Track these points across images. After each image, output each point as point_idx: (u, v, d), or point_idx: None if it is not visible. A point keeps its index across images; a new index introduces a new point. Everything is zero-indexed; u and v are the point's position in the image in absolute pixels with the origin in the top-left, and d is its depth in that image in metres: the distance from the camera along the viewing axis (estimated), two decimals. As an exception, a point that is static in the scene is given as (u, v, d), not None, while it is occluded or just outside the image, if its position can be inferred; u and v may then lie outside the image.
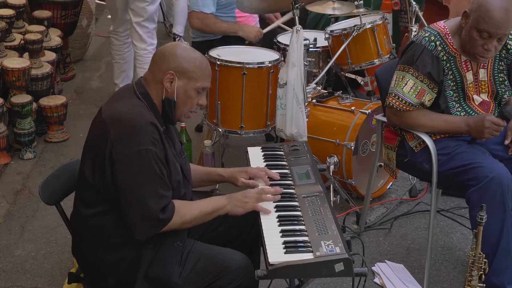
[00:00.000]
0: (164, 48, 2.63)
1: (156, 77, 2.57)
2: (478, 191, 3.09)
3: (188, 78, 2.56)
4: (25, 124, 4.68)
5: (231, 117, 4.17)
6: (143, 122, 2.47)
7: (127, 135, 2.45)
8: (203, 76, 2.59)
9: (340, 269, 2.30)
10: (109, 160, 2.46)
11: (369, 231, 3.96)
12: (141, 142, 2.44)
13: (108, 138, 2.46)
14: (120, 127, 2.47)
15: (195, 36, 4.77)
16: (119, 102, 2.58)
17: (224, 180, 2.93)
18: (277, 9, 4.53)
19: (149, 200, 2.44)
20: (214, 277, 2.53)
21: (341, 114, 4.23)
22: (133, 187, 2.44)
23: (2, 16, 5.06)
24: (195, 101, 2.61)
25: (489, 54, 3.17)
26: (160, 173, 2.47)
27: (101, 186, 2.51)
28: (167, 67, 2.55)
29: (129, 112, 2.50)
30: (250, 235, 2.81)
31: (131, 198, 2.45)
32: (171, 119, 2.60)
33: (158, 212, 2.45)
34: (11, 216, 4.06)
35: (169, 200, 2.50)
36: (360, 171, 4.24)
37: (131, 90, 2.60)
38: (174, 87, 2.56)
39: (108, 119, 2.51)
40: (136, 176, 2.44)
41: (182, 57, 2.56)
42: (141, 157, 2.43)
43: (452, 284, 3.53)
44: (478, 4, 3.11)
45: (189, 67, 2.56)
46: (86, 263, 2.67)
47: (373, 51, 4.58)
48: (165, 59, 2.57)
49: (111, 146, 2.45)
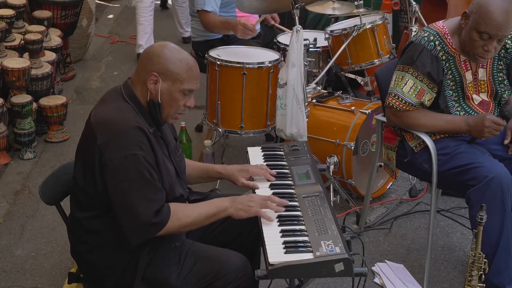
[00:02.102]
0: (150, 49, 2.59)
1: (141, 78, 2.55)
2: (478, 191, 3.09)
3: (173, 80, 2.52)
4: (25, 124, 4.68)
5: (231, 117, 4.17)
6: (129, 127, 2.45)
7: (113, 141, 2.44)
8: (189, 78, 2.54)
9: (340, 269, 2.30)
10: (98, 166, 2.45)
11: (369, 231, 3.96)
12: (128, 147, 2.42)
13: (95, 144, 2.44)
14: (106, 133, 2.45)
15: (195, 36, 4.77)
16: (106, 106, 2.55)
17: (222, 177, 2.92)
18: (277, 9, 4.53)
19: (140, 205, 2.42)
20: (212, 278, 2.53)
21: (341, 114, 4.23)
22: (123, 193, 2.43)
23: (2, 16, 5.06)
24: (181, 103, 2.56)
25: (489, 55, 3.17)
26: (149, 176, 2.45)
27: (93, 191, 2.50)
28: (151, 68, 2.52)
29: (115, 117, 2.48)
30: (250, 236, 2.80)
31: (122, 204, 2.44)
32: (157, 120, 2.57)
33: (151, 216, 2.42)
34: (11, 216, 4.06)
35: (162, 203, 2.47)
36: (360, 171, 4.24)
37: (118, 92, 2.58)
38: (158, 89, 2.52)
39: (95, 124, 2.50)
40: (125, 182, 2.42)
41: (167, 58, 2.52)
42: (128, 162, 2.42)
43: (452, 284, 3.53)
44: (478, 5, 3.11)
45: (173, 69, 2.52)
46: (84, 266, 2.67)
47: (373, 51, 4.58)
48: (150, 60, 2.54)
49: (99, 153, 2.44)
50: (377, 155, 3.72)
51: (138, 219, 2.42)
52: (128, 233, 2.45)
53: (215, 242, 2.71)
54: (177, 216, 2.49)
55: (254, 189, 2.79)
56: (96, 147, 2.44)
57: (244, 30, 4.29)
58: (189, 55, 2.61)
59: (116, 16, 8.15)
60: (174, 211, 2.49)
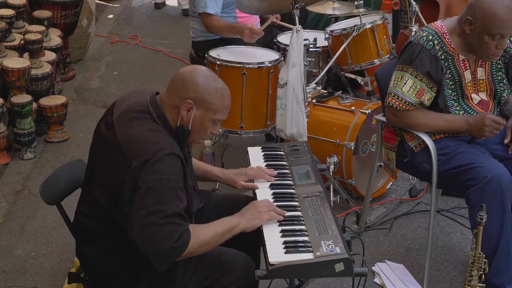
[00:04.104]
0: (185, 73, 2.51)
1: (173, 102, 2.48)
2: (478, 191, 3.09)
3: (206, 109, 2.48)
4: (25, 124, 4.68)
5: (231, 117, 4.17)
6: (167, 152, 2.37)
7: (150, 165, 2.34)
8: (222, 109, 2.52)
9: (340, 269, 2.30)
10: (127, 189, 2.36)
11: (369, 231, 3.96)
12: (163, 172, 2.35)
13: (128, 166, 2.35)
14: (142, 156, 2.35)
15: (195, 36, 4.77)
16: (136, 126, 2.44)
17: (220, 181, 2.91)
18: (277, 10, 4.52)
19: (164, 230, 2.32)
20: (217, 277, 2.53)
21: (341, 114, 4.24)
22: (151, 217, 2.32)
23: (2, 16, 5.06)
24: (209, 130, 2.54)
25: (502, 51, 3.21)
26: (180, 202, 2.37)
27: (113, 211, 2.44)
28: (186, 95, 2.45)
29: (150, 139, 2.39)
30: (251, 236, 2.79)
31: (147, 229, 2.33)
32: (182, 145, 2.52)
33: (173, 241, 2.33)
34: (11, 216, 4.06)
35: (186, 227, 2.38)
36: (360, 171, 4.24)
37: (145, 111, 2.48)
38: (190, 116, 2.47)
39: (126, 144, 2.40)
40: (155, 205, 2.33)
41: (204, 87, 2.46)
42: (162, 185, 2.34)
43: (452, 284, 3.53)
44: (483, 10, 3.11)
45: (209, 98, 2.47)
46: (89, 268, 2.65)
47: (373, 51, 4.58)
48: (185, 86, 2.47)
49: (132, 175, 2.35)
50: (377, 155, 3.72)
51: (163, 245, 2.32)
52: (153, 259, 2.36)
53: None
54: (195, 234, 2.40)
55: (254, 190, 2.79)
56: (130, 170, 2.35)
57: (252, 34, 4.30)
58: (224, 84, 2.56)
59: (116, 16, 8.15)
60: (193, 231, 2.41)
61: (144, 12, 8.43)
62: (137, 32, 7.48)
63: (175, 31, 7.53)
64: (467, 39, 3.22)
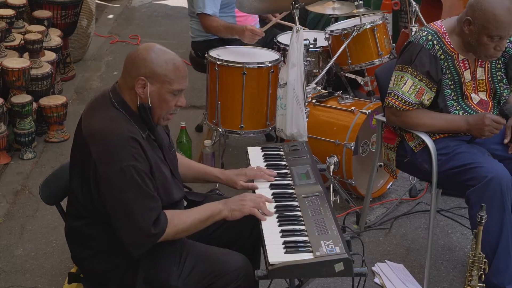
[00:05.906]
0: (134, 53, 2.54)
1: (128, 84, 2.52)
2: (477, 191, 3.09)
3: (161, 82, 2.49)
4: (25, 124, 4.68)
5: (231, 117, 4.17)
6: (122, 138, 2.42)
7: (107, 154, 2.41)
8: (177, 78, 2.51)
9: (340, 269, 2.30)
10: (93, 181, 2.44)
11: (369, 231, 3.96)
12: (122, 159, 2.40)
13: (90, 158, 2.42)
14: (99, 146, 2.43)
15: (194, 36, 4.77)
16: (97, 116, 2.50)
17: (220, 182, 2.92)
18: (277, 9, 4.52)
19: (138, 216, 2.41)
20: (213, 278, 2.53)
21: (341, 114, 4.23)
22: (121, 206, 2.41)
23: (2, 16, 5.06)
24: (172, 103, 2.54)
25: (500, 52, 3.21)
26: (145, 187, 2.43)
27: (90, 204, 2.49)
28: (137, 73, 2.48)
29: (107, 128, 2.45)
30: (250, 237, 2.80)
31: (121, 217, 2.42)
32: (149, 124, 2.55)
33: (150, 227, 2.42)
34: (11, 216, 4.07)
35: (159, 211, 2.46)
36: (360, 171, 4.24)
37: (107, 99, 2.54)
38: (147, 92, 2.49)
39: (87, 136, 2.47)
40: (122, 194, 2.40)
41: (152, 61, 2.48)
42: (124, 174, 2.40)
43: (452, 284, 3.53)
44: (482, 11, 3.11)
45: (160, 71, 2.48)
46: (86, 270, 2.66)
47: (373, 51, 4.58)
48: (135, 64, 2.50)
49: (94, 167, 2.42)
50: (377, 155, 3.72)
51: (138, 231, 2.41)
52: (129, 246, 2.44)
53: (216, 244, 2.70)
54: (173, 222, 2.48)
55: (254, 190, 2.79)
56: (91, 162, 2.42)
57: (253, 36, 4.30)
58: (175, 55, 2.57)
59: (116, 16, 8.15)
60: (171, 218, 2.48)
61: (144, 12, 8.43)
62: (137, 32, 7.48)
63: (175, 31, 7.53)
64: (466, 39, 3.22)
